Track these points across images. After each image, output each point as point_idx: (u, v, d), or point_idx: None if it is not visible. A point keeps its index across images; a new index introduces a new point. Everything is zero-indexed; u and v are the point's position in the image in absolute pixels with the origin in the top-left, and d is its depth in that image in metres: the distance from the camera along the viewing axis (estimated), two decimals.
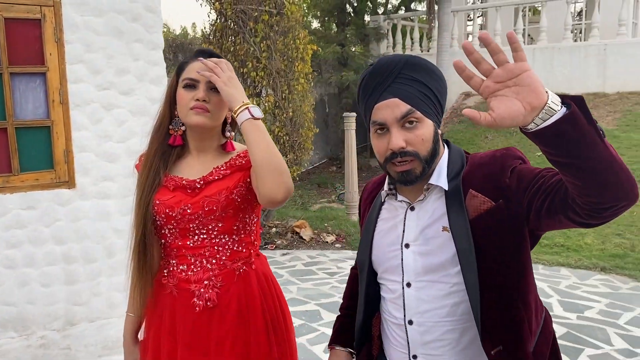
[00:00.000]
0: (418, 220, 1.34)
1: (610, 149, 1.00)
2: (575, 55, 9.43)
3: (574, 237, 6.29)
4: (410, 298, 1.34)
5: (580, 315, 4.36)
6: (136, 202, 1.61)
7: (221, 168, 1.60)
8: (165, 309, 1.63)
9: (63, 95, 3.35)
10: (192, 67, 1.57)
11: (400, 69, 1.28)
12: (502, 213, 1.24)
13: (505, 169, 1.25)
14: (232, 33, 5.89)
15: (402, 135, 1.26)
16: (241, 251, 1.63)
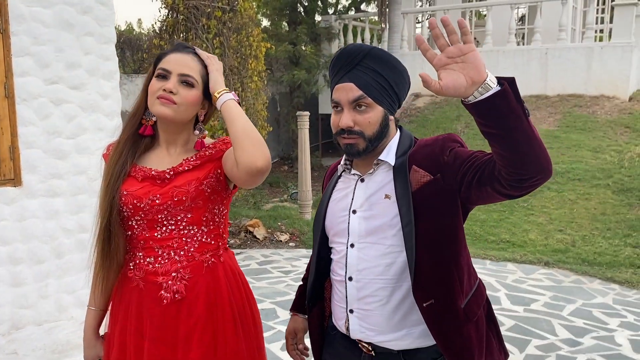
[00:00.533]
0: (366, 189, 1.52)
1: (532, 127, 1.19)
2: (519, 58, 9.80)
3: (519, 233, 6.54)
4: (352, 257, 1.52)
5: (527, 308, 4.54)
6: (102, 192, 1.58)
7: (191, 159, 1.59)
8: (132, 303, 1.60)
9: (8, 89, 3.20)
10: (168, 59, 1.56)
11: (362, 58, 1.45)
12: (439, 185, 1.43)
13: (444, 149, 1.44)
14: (183, 29, 5.79)
15: (351, 115, 1.45)
16: (210, 243, 1.62)
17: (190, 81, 1.55)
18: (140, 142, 1.62)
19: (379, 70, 1.45)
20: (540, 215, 6.89)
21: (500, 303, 4.63)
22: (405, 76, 1.52)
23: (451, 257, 1.46)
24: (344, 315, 1.56)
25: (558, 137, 8.35)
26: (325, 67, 10.85)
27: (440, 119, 9.70)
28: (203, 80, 1.58)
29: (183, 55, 1.57)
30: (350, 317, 1.54)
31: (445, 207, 1.44)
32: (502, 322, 4.24)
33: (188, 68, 1.55)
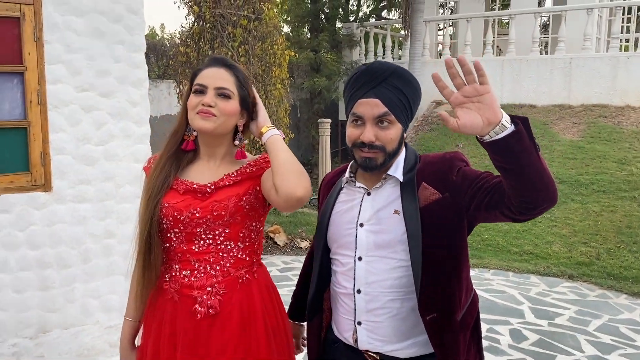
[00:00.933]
0: (373, 203, 1.55)
1: (542, 162, 1.25)
2: (542, 67, 9.70)
3: (542, 245, 6.46)
4: (361, 270, 1.54)
5: (551, 322, 4.47)
6: (143, 204, 1.60)
7: (232, 175, 1.61)
8: (166, 314, 1.61)
9: (41, 95, 3.26)
10: (204, 74, 1.60)
11: (388, 76, 1.50)
12: (447, 203, 1.47)
13: (453, 168, 1.49)
14: (209, 37, 5.84)
15: (374, 131, 1.48)
16: (244, 259, 1.63)
17: (226, 93, 1.58)
18: (182, 156, 1.66)
19: (402, 89, 1.51)
20: (564, 227, 6.80)
21: (524, 316, 4.57)
22: (420, 93, 1.59)
23: (454, 272, 1.52)
24: (351, 327, 1.58)
25: (582, 148, 8.24)
26: (346, 74, 10.86)
27: None
28: (239, 92, 1.60)
29: (217, 69, 1.60)
30: (358, 328, 1.57)
31: (452, 224, 1.49)
32: (526, 336, 4.19)
33: (223, 81, 1.58)
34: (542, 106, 9.63)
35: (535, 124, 9.13)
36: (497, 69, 10.09)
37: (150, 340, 1.64)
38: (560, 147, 8.40)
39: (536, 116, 9.37)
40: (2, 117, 3.19)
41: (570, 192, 7.39)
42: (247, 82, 1.65)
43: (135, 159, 3.60)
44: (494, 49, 11.15)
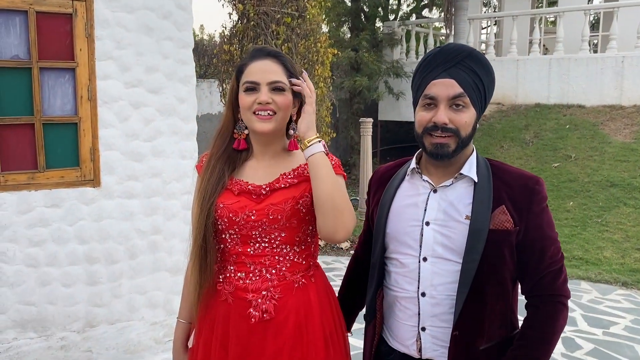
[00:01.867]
0: (441, 201, 1.46)
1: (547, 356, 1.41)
2: (592, 66, 9.35)
3: (592, 250, 6.20)
4: (426, 271, 1.45)
5: (606, 331, 4.27)
6: (197, 205, 1.54)
7: (288, 176, 1.54)
8: (218, 316, 1.55)
9: (91, 91, 3.29)
10: (252, 69, 1.51)
11: (464, 57, 1.42)
12: (513, 237, 1.42)
13: (535, 204, 1.42)
14: (253, 35, 5.82)
15: (447, 113, 1.40)
16: (301, 263, 1.56)
17: (280, 86, 1.50)
18: (234, 155, 1.58)
19: (478, 72, 1.42)
20: (616, 232, 6.51)
21: (577, 324, 4.38)
22: (494, 83, 1.50)
23: (491, 301, 1.44)
24: (413, 335, 1.49)
25: (635, 150, 7.89)
26: (387, 73, 10.72)
27: (506, 128, 9.38)
28: (289, 81, 1.53)
29: (264, 62, 1.51)
30: (422, 335, 1.48)
31: (508, 255, 1.43)
32: (579, 345, 4.00)
33: (274, 74, 1.50)
34: (591, 107, 9.28)
35: (584, 125, 8.82)
36: (544, 67, 9.79)
37: (201, 341, 1.59)
38: (611, 149, 8.08)
39: (585, 117, 9.05)
40: (54, 113, 3.23)
41: (623, 196, 7.08)
42: (294, 67, 1.56)
43: (182, 156, 3.59)
44: (541, 48, 10.83)
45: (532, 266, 1.44)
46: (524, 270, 1.46)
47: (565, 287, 1.46)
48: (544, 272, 1.43)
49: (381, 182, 1.63)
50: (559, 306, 1.43)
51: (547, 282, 1.44)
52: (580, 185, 7.53)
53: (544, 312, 1.44)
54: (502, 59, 10.45)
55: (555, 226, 1.52)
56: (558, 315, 1.43)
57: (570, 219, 6.93)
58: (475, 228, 1.41)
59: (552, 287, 1.44)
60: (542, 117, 9.38)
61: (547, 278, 1.44)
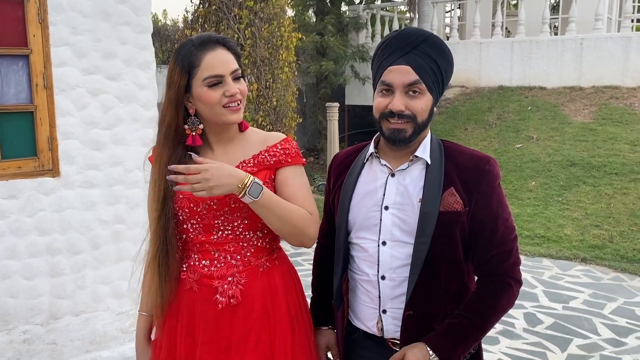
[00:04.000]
0: (399, 185, 1.47)
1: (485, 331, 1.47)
2: (553, 48, 9.54)
3: (554, 228, 6.38)
4: (385, 255, 1.47)
5: (566, 306, 4.42)
6: (154, 198, 1.52)
7: (247, 164, 1.53)
8: (183, 305, 1.55)
9: (47, 79, 3.20)
10: (211, 62, 1.45)
11: (420, 43, 1.41)
12: (464, 216, 1.43)
13: (484, 184, 1.44)
14: (215, 20, 5.74)
15: (403, 100, 1.41)
16: (265, 247, 1.57)
17: (239, 74, 1.50)
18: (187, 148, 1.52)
19: (435, 57, 1.42)
20: (576, 210, 6.71)
21: (538, 300, 4.52)
22: (453, 66, 1.50)
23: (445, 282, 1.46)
24: (375, 316, 1.52)
25: (594, 130, 8.12)
26: (353, 57, 10.72)
27: (471, 110, 9.52)
28: (239, 64, 1.52)
29: (219, 52, 1.47)
30: (383, 317, 1.50)
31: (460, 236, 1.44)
32: (541, 320, 4.14)
33: (232, 63, 1.48)
34: (552, 88, 9.49)
35: (546, 106, 9.02)
36: (506, 50, 9.94)
37: (165, 331, 1.58)
38: (571, 129, 8.29)
39: (546, 98, 9.25)
40: (8, 101, 3.13)
41: (582, 175, 7.29)
42: (238, 49, 1.56)
43: (144, 143, 3.53)
44: (503, 31, 10.98)
45: (481, 245, 1.46)
46: (473, 250, 1.48)
47: (515, 270, 1.47)
48: (492, 252, 1.45)
49: (341, 169, 1.62)
50: (504, 285, 1.45)
51: (496, 263, 1.46)
52: (542, 165, 7.72)
53: (487, 288, 1.46)
54: (465, 42, 10.56)
55: (519, 205, 1.55)
56: (501, 294, 1.44)
57: (532, 198, 7.10)
58: (425, 210, 1.42)
59: (499, 268, 1.46)
60: (505, 99, 9.55)
61: (496, 259, 1.45)
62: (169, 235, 1.50)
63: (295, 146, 1.59)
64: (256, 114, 5.87)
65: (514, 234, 1.49)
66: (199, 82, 1.45)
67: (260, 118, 5.86)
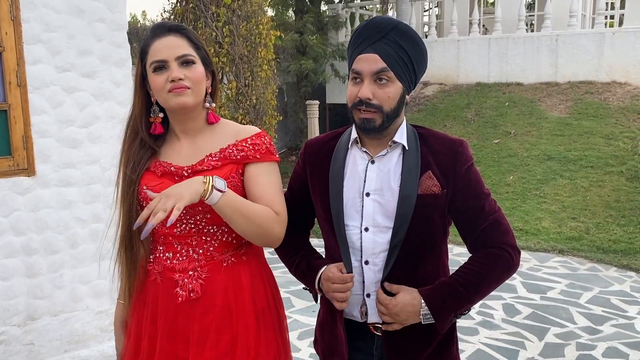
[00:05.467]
0: (379, 171, 1.50)
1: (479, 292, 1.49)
2: (529, 45, 9.67)
3: (532, 221, 6.48)
4: (368, 241, 1.50)
5: (544, 296, 4.49)
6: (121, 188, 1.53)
7: (213, 157, 1.52)
8: (149, 295, 1.56)
9: (20, 77, 3.16)
10: (156, 47, 1.47)
11: (389, 31, 1.43)
12: (442, 199, 1.47)
13: (459, 163, 1.48)
14: (192, 17, 5.72)
15: (371, 88, 1.42)
16: (231, 242, 1.55)
17: (189, 59, 1.47)
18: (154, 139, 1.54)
19: (404, 46, 1.43)
20: (553, 203, 6.82)
21: (517, 291, 4.59)
22: (426, 56, 1.51)
23: (423, 264, 1.50)
24: (359, 301, 1.53)
25: (570, 125, 8.25)
26: (333, 56, 10.75)
27: (449, 107, 9.61)
28: (197, 54, 1.50)
29: (168, 38, 1.47)
30: (367, 301, 1.52)
31: (439, 217, 1.49)
32: (519, 310, 4.20)
33: (181, 47, 1.47)
34: (529, 84, 9.62)
35: (523, 102, 9.14)
36: (483, 47, 10.05)
37: (134, 318, 1.59)
38: (548, 124, 8.41)
39: (524, 94, 9.37)
40: None
41: (559, 169, 7.41)
42: (199, 38, 1.54)
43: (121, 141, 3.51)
44: (480, 28, 11.10)
45: (470, 223, 1.50)
46: (464, 229, 1.52)
47: (507, 238, 1.49)
48: (481, 226, 1.48)
49: (320, 157, 1.60)
50: (499, 251, 1.47)
51: (488, 235, 1.49)
52: (520, 160, 7.83)
53: (483, 254, 1.49)
54: (443, 40, 10.65)
55: (498, 200, 1.58)
56: (497, 258, 1.47)
57: (510, 192, 7.20)
58: (403, 194, 1.45)
59: (492, 239, 1.49)
60: (483, 96, 9.65)
61: (487, 231, 1.49)
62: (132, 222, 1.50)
63: (267, 142, 1.56)
64: (236, 111, 5.86)
65: (497, 206, 1.53)
66: (148, 68, 1.48)
67: (239, 116, 5.85)
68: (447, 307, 1.46)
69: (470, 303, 1.49)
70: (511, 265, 1.50)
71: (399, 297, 1.45)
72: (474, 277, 1.47)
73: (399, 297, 1.45)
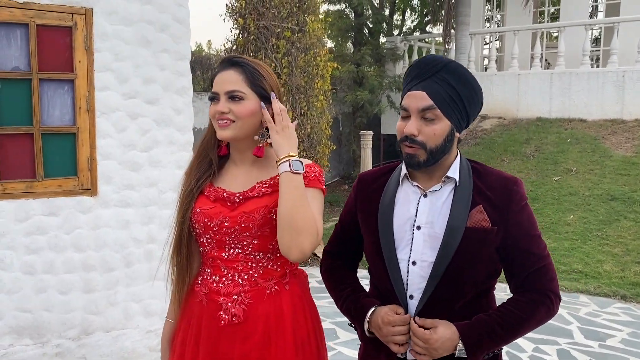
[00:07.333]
0: (431, 205, 1.50)
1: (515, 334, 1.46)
2: (594, 81, 9.39)
3: (592, 264, 6.18)
4: (415, 275, 1.48)
5: (602, 344, 4.25)
6: (176, 208, 1.60)
7: (263, 185, 1.57)
8: (194, 315, 1.60)
9: (90, 102, 3.36)
10: (216, 81, 1.57)
11: (438, 70, 1.45)
12: (492, 235, 1.45)
13: (513, 202, 1.47)
14: (253, 49, 5.91)
15: (417, 124, 1.45)
16: (275, 270, 1.58)
17: (237, 95, 1.53)
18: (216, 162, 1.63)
19: (453, 84, 1.45)
20: (616, 245, 6.49)
21: (573, 337, 4.36)
22: (479, 95, 1.51)
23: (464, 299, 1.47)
24: None
25: (636, 164, 7.89)
26: (389, 87, 10.81)
27: (508, 141, 9.40)
28: (252, 89, 1.55)
29: (226, 72, 1.56)
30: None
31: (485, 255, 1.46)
32: (574, 357, 3.99)
33: (231, 84, 1.53)
34: (592, 120, 9.30)
35: (585, 139, 8.83)
36: (545, 82, 9.83)
37: (178, 339, 1.63)
38: (612, 162, 8.07)
39: (587, 131, 9.06)
40: (53, 123, 3.30)
41: (623, 210, 7.07)
42: (259, 75, 1.57)
43: (178, 166, 3.65)
44: (542, 62, 10.89)
45: (517, 264, 1.48)
46: (510, 269, 1.50)
47: (553, 284, 1.48)
48: (529, 269, 1.46)
49: (370, 192, 1.62)
50: (543, 298, 1.46)
51: (535, 279, 1.47)
52: (581, 199, 7.53)
53: (525, 297, 1.47)
54: (503, 74, 10.51)
55: (556, 239, 1.55)
56: (539, 303, 1.46)
57: (570, 232, 6.91)
58: (451, 225, 1.45)
59: (539, 283, 1.47)
60: (544, 131, 9.40)
61: (534, 275, 1.47)
62: (184, 244, 1.57)
63: (317, 172, 1.60)
64: None
65: (547, 251, 1.51)
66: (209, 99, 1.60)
67: None
68: (482, 345, 1.43)
69: (504, 343, 1.47)
70: (551, 313, 1.48)
71: (440, 332, 1.43)
72: (514, 320, 1.44)
73: (440, 332, 1.43)
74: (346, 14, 12.46)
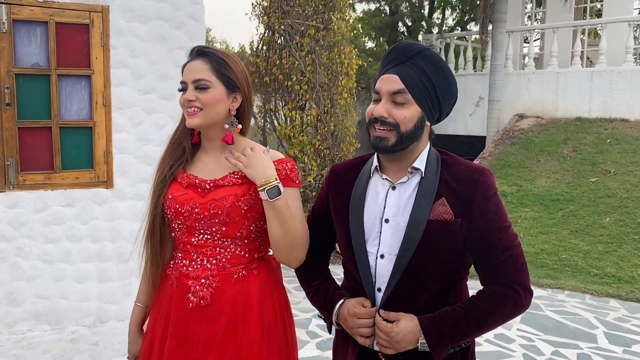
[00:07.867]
0: (399, 198, 1.49)
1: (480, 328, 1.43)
2: (637, 79, 9.00)
3: (626, 268, 5.94)
4: (382, 268, 1.47)
5: (627, 350, 4.08)
6: (150, 195, 1.65)
7: (235, 175, 1.60)
8: (165, 297, 1.65)
9: (106, 97, 3.47)
10: (184, 71, 1.61)
11: (413, 56, 1.45)
12: (455, 227, 1.43)
13: (477, 195, 1.43)
14: (278, 47, 5.95)
15: (387, 107, 1.44)
16: (243, 256, 1.62)
17: (203, 84, 1.56)
18: (189, 150, 1.66)
19: (427, 71, 1.44)
20: None
21: (596, 341, 4.21)
22: (454, 87, 1.50)
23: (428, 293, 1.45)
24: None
25: None
26: None
27: (545, 141, 9.14)
28: (218, 77, 1.57)
29: (193, 62, 1.60)
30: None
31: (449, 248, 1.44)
32: None
33: (197, 72, 1.57)
34: (635, 120, 8.93)
35: (627, 139, 8.49)
36: (585, 80, 9.50)
37: (151, 320, 1.68)
38: None
39: (628, 131, 8.71)
40: (71, 117, 3.43)
41: None
42: (225, 64, 1.59)
43: None
44: (584, 60, 10.53)
45: (483, 255, 1.45)
46: (477, 262, 1.47)
47: (520, 276, 1.43)
48: (495, 261, 1.43)
49: (342, 186, 1.62)
50: (508, 290, 1.42)
51: (501, 271, 1.43)
52: (618, 201, 7.24)
53: (492, 290, 1.44)
54: (542, 72, 10.21)
55: (590, 242, 1.50)
56: (505, 297, 1.42)
57: (605, 235, 6.66)
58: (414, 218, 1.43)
59: (505, 276, 1.43)
60: (583, 131, 9.09)
61: (501, 267, 1.43)
62: (157, 229, 1.62)
63: (289, 168, 1.61)
64: (314, 137, 5.98)
65: (516, 241, 1.46)
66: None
67: (317, 142, 5.96)
68: (445, 338, 1.40)
69: (469, 337, 1.43)
70: (520, 305, 1.42)
71: (402, 325, 1.41)
72: (478, 313, 1.41)
73: (402, 325, 1.41)
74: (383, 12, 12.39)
